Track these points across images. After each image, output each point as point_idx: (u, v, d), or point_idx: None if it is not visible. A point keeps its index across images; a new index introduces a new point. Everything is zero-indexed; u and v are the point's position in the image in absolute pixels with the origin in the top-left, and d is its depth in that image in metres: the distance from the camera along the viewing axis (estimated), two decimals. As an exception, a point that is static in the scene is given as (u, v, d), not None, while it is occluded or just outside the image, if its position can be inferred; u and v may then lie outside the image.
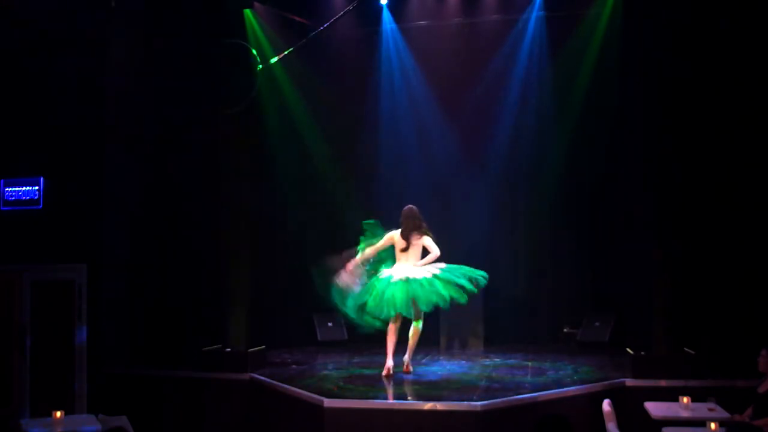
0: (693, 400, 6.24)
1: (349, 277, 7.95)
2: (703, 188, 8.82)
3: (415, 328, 8.04)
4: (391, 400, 6.90)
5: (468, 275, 7.77)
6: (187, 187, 10.04)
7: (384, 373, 7.90)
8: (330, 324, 10.61)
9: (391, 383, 7.70)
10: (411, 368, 8.11)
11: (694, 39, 8.80)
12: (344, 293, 7.95)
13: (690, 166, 8.90)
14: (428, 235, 7.97)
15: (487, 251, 10.00)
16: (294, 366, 8.90)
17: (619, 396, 7.09)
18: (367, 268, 8.08)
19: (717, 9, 8.73)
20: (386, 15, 10.99)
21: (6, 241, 8.58)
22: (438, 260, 7.93)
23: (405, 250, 7.95)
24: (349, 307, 7.95)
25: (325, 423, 6.71)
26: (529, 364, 8.76)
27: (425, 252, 7.94)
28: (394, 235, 8.04)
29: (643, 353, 7.86)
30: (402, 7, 10.99)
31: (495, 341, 10.13)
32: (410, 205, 8.17)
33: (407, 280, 7.74)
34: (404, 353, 8.11)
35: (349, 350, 10.00)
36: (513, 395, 6.97)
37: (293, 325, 10.66)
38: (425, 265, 7.87)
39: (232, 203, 10.11)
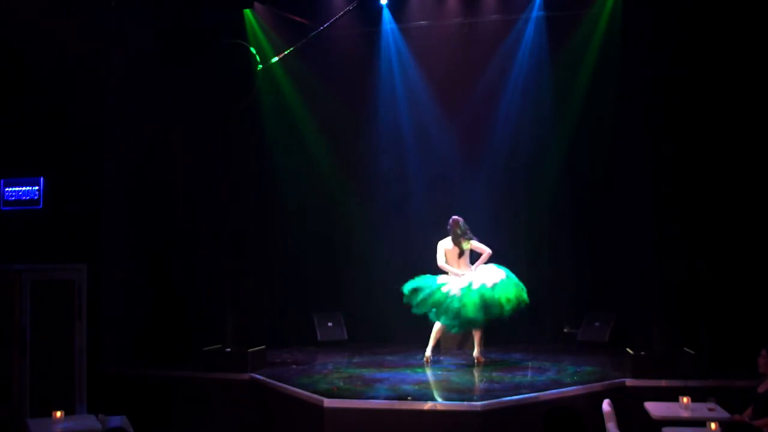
0: (693, 400, 6.23)
1: None
2: (703, 188, 8.83)
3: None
4: (391, 400, 6.89)
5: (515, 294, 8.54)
6: (187, 187, 10.05)
7: (424, 360, 8.78)
8: (330, 324, 10.61)
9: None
10: (483, 359, 8.78)
11: (693, 39, 8.81)
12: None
13: (690, 166, 8.91)
14: (473, 238, 8.87)
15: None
16: (294, 366, 8.90)
17: (619, 396, 7.09)
18: None
19: (717, 9, 8.74)
20: (386, 15, 10.99)
21: (6, 241, 8.58)
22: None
23: (461, 255, 8.84)
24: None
25: (325, 423, 6.72)
26: (529, 364, 8.77)
27: (474, 254, 8.87)
28: (446, 245, 8.91)
29: (643, 353, 7.86)
30: (402, 7, 10.98)
31: (495, 341, 10.13)
32: (456, 216, 8.94)
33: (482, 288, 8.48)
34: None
35: (349, 350, 10.01)
36: (513, 395, 6.98)
37: (293, 325, 10.66)
38: (484, 264, 8.78)
39: (231, 202, 10.12)
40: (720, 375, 7.55)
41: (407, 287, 8.72)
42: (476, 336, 8.88)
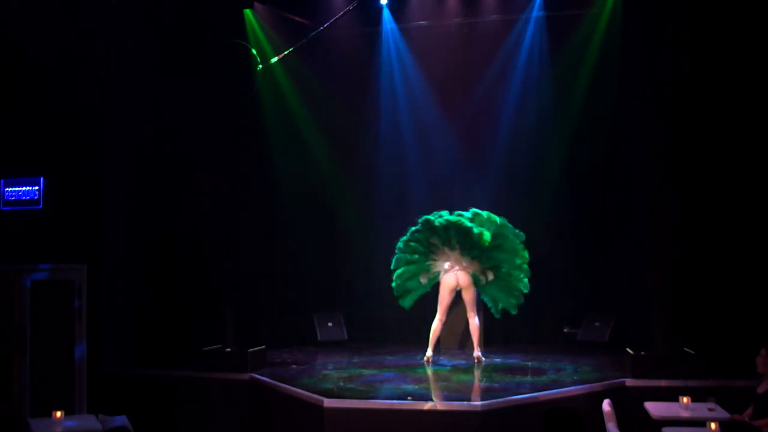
0: (693, 400, 6.24)
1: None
2: (704, 188, 8.83)
3: (473, 323, 8.97)
4: (391, 400, 6.89)
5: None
6: (187, 187, 10.04)
7: (425, 360, 8.87)
8: (330, 324, 10.61)
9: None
10: (483, 359, 8.93)
11: (693, 39, 8.81)
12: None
13: (690, 166, 8.90)
14: None
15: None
16: (294, 366, 8.90)
17: (619, 396, 7.09)
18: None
19: (717, 9, 8.74)
20: (386, 15, 11.00)
21: (6, 241, 8.58)
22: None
23: None
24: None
25: (325, 423, 6.72)
26: (529, 364, 8.77)
27: None
28: None
29: (643, 353, 7.86)
30: (402, 7, 10.99)
31: (495, 341, 10.14)
32: None
33: None
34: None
35: (349, 350, 10.01)
36: (513, 395, 6.98)
37: (293, 325, 10.66)
38: None
39: (231, 203, 10.11)
40: (720, 375, 7.55)
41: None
42: (475, 336, 8.92)
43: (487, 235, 8.79)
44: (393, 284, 9.19)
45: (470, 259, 8.90)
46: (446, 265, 8.98)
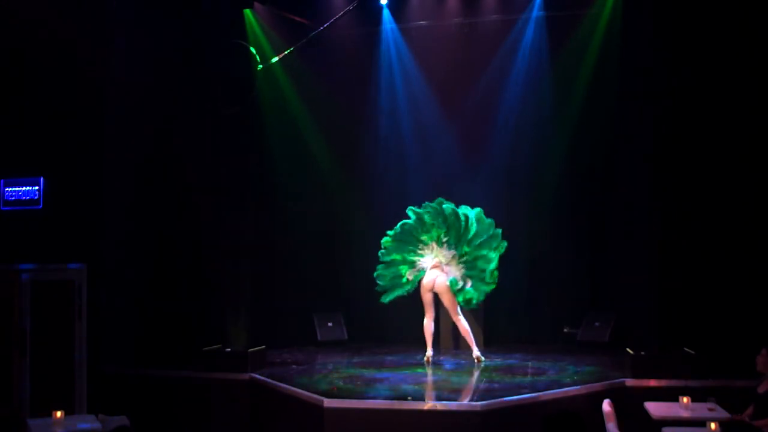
0: (693, 400, 6.24)
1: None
2: (704, 188, 8.84)
3: (460, 326, 8.95)
4: (391, 400, 6.89)
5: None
6: (187, 187, 10.04)
7: (425, 360, 8.86)
8: (330, 324, 10.61)
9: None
10: (482, 358, 8.87)
11: (693, 39, 8.82)
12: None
13: (690, 166, 8.92)
14: None
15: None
16: (294, 366, 8.90)
17: (619, 396, 7.09)
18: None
19: (717, 9, 8.75)
20: (386, 15, 11.00)
21: (6, 241, 8.58)
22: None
23: None
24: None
25: (325, 423, 6.72)
26: (529, 364, 8.76)
27: None
28: None
29: (643, 353, 7.86)
30: (402, 7, 10.99)
31: (495, 341, 10.14)
32: None
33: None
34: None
35: (349, 350, 10.01)
36: (513, 395, 6.98)
37: (293, 325, 10.66)
38: None
39: (232, 203, 10.12)
40: (720, 375, 7.55)
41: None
42: (468, 338, 8.88)
43: (469, 212, 8.98)
44: (375, 274, 9.19)
45: (455, 255, 8.92)
46: (431, 263, 8.99)
